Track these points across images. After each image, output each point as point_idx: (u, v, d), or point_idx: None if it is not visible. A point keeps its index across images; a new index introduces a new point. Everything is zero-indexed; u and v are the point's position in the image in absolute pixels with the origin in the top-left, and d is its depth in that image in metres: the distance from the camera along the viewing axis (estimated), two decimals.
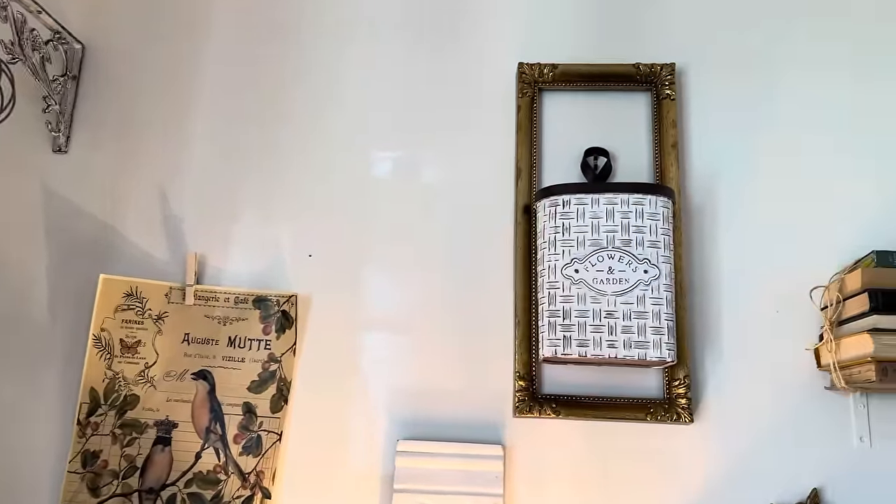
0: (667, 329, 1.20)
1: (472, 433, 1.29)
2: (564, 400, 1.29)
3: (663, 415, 1.25)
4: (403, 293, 1.36)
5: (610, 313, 1.21)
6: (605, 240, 1.23)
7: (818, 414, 1.27)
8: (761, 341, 1.30)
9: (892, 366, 1.10)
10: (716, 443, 1.26)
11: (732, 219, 1.36)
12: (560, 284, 1.23)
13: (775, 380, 1.28)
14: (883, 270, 1.18)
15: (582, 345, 1.21)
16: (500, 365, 1.32)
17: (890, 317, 1.12)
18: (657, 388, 1.29)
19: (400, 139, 1.43)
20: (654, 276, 1.22)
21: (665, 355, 1.19)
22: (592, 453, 1.28)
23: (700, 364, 1.30)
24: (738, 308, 1.32)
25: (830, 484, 1.24)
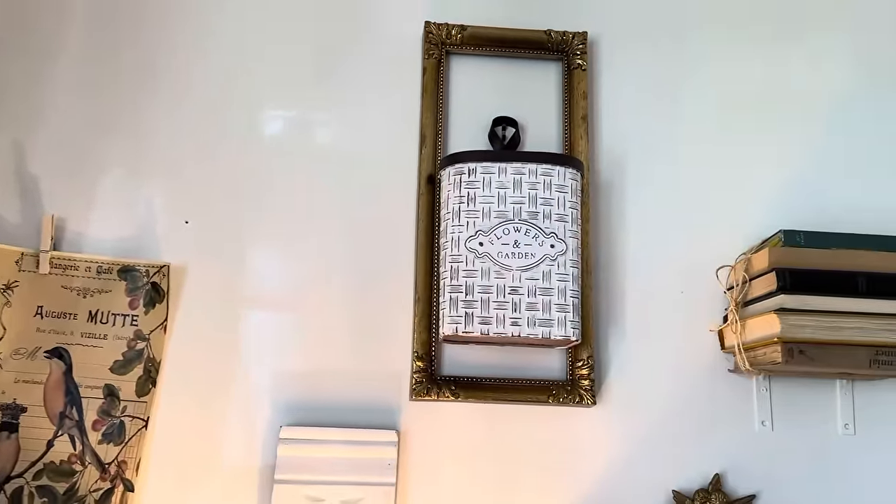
0: (572, 307, 1.14)
1: (365, 418, 1.19)
2: (464, 382, 1.20)
3: (566, 397, 1.19)
4: (292, 266, 1.24)
5: (514, 289, 1.13)
6: (511, 212, 1.16)
7: (721, 397, 1.24)
8: (666, 322, 1.26)
9: (798, 347, 1.08)
10: (618, 426, 1.21)
11: (640, 196, 1.31)
12: (463, 258, 1.15)
13: (679, 362, 1.25)
14: (790, 250, 1.16)
15: (485, 322, 1.12)
16: (397, 345, 1.22)
17: (797, 296, 1.10)
18: (560, 370, 1.23)
19: (292, 98, 1.30)
20: (560, 251, 1.15)
21: (570, 334, 1.13)
22: (492, 437, 1.20)
23: (604, 345, 1.25)
24: (644, 287, 1.27)
25: (732, 469, 1.21)
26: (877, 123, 1.36)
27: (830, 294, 1.10)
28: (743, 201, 1.31)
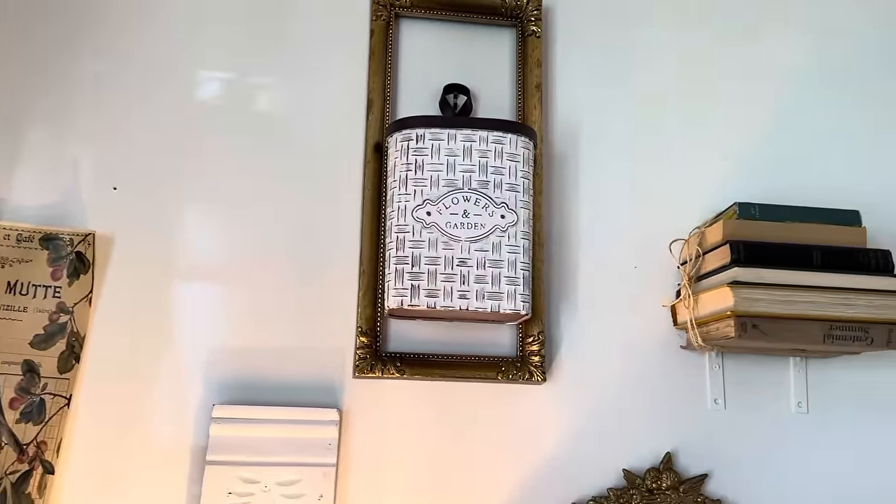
0: (522, 280, 1.09)
1: (305, 397, 1.13)
2: (411, 358, 1.15)
3: (515, 373, 1.15)
4: (228, 236, 1.17)
5: (463, 261, 1.08)
6: (461, 180, 1.10)
7: (673, 374, 1.21)
8: (618, 297, 1.22)
9: (751, 321, 1.05)
10: (568, 403, 1.18)
11: (594, 168, 1.27)
12: (410, 228, 1.09)
13: (631, 338, 1.21)
14: (745, 223, 1.13)
15: (431, 295, 1.07)
16: (340, 320, 1.16)
17: (751, 269, 1.07)
18: (510, 346, 1.19)
19: (231, 60, 1.23)
20: (511, 222, 1.11)
21: (519, 308, 1.08)
22: (439, 416, 1.15)
23: (555, 320, 1.21)
24: (597, 262, 1.24)
25: (684, 447, 1.18)
26: (829, 99, 1.34)
27: (785, 267, 1.08)
28: (698, 175, 1.28)
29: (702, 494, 1.15)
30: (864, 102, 1.34)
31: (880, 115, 1.34)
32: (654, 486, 1.14)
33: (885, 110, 1.34)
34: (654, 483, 1.14)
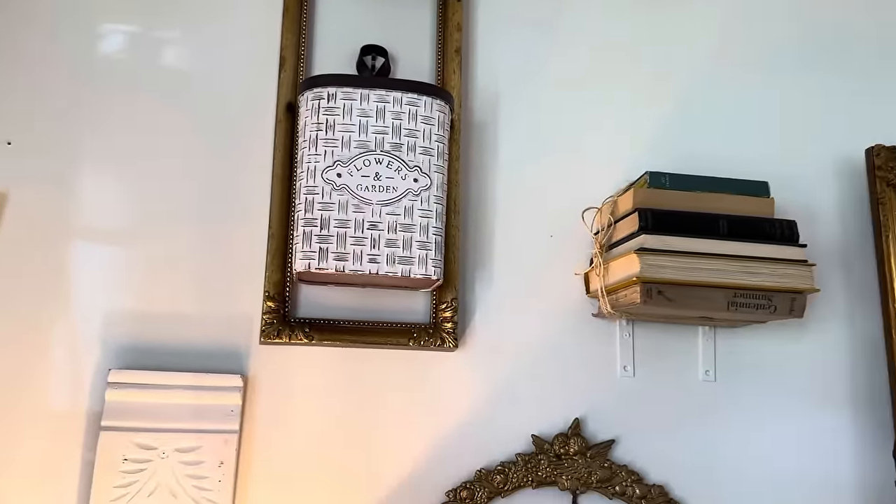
0: (434, 245, 1.08)
1: (210, 363, 1.09)
2: (320, 324, 1.13)
3: (427, 340, 1.14)
4: (130, 196, 1.12)
5: (374, 224, 1.06)
6: (373, 142, 1.08)
7: (585, 342, 1.22)
8: (533, 266, 1.22)
9: (657, 287, 1.06)
10: (480, 371, 1.17)
11: (513, 137, 1.26)
12: (319, 189, 1.06)
13: (545, 306, 1.22)
14: (654, 191, 1.14)
15: (340, 258, 1.05)
16: (248, 285, 1.13)
17: (658, 237, 1.08)
18: (423, 313, 1.18)
19: (135, 11, 1.17)
20: (424, 186, 1.09)
21: (431, 273, 1.07)
22: (349, 383, 1.13)
23: (470, 288, 1.20)
24: (513, 231, 1.23)
25: (593, 413, 1.20)
26: (742, 73, 1.35)
27: (691, 235, 1.09)
28: (615, 145, 1.28)
29: (609, 460, 1.17)
30: (774, 77, 1.36)
31: (790, 88, 1.36)
32: (561, 452, 1.15)
33: (795, 84, 1.37)
34: (562, 448, 1.15)
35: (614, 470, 1.16)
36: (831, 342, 1.28)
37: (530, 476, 1.13)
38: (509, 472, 1.13)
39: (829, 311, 1.29)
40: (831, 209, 1.34)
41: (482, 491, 1.12)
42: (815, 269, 1.13)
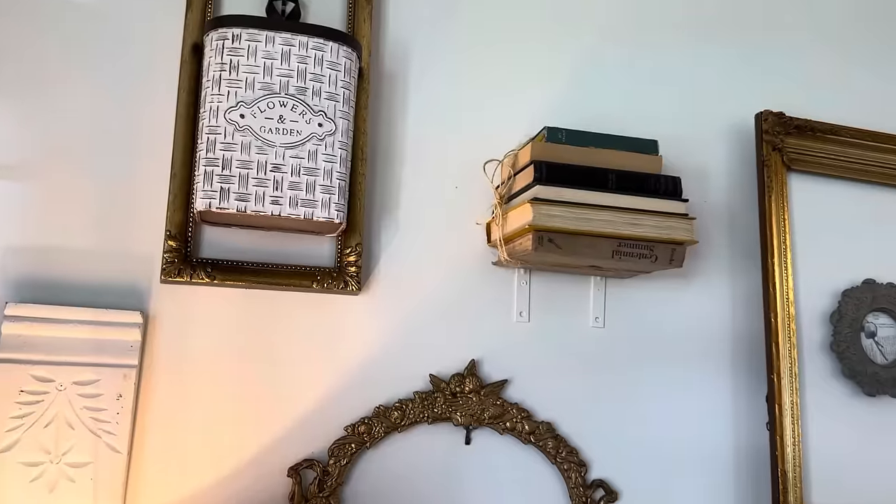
0: (338, 189, 1.11)
1: (110, 300, 1.10)
2: (223, 265, 1.15)
3: (330, 283, 1.17)
4: (33, 131, 1.11)
5: (277, 167, 1.08)
6: (277, 85, 1.10)
7: (484, 289, 1.28)
8: (438, 215, 1.27)
9: (548, 235, 1.12)
10: (382, 314, 1.22)
11: (423, 89, 1.29)
12: (222, 130, 1.07)
13: (448, 255, 1.27)
14: (551, 146, 1.19)
15: (242, 199, 1.07)
16: (150, 224, 1.14)
17: (551, 188, 1.14)
18: (329, 258, 1.21)
19: None
20: (329, 132, 1.11)
21: (333, 216, 1.10)
22: (252, 323, 1.16)
23: (376, 235, 1.24)
24: (420, 181, 1.27)
25: (489, 356, 1.26)
26: (642, 39, 1.41)
27: (583, 188, 1.15)
28: (520, 101, 1.33)
29: (501, 398, 1.24)
30: (674, 43, 1.43)
31: (688, 55, 1.43)
32: (457, 390, 1.21)
33: (693, 51, 1.43)
34: (458, 387, 1.21)
35: (506, 407, 1.23)
36: (714, 295, 1.38)
37: (426, 412, 1.19)
38: (406, 408, 1.19)
39: (713, 265, 1.39)
40: (722, 170, 1.43)
41: (380, 426, 1.17)
42: (696, 223, 1.21)
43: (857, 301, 1.40)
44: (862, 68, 1.52)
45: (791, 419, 1.30)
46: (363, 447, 1.16)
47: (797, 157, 1.41)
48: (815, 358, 1.37)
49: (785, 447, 1.28)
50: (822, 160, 1.43)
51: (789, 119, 1.39)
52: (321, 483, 1.13)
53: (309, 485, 1.13)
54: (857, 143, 1.44)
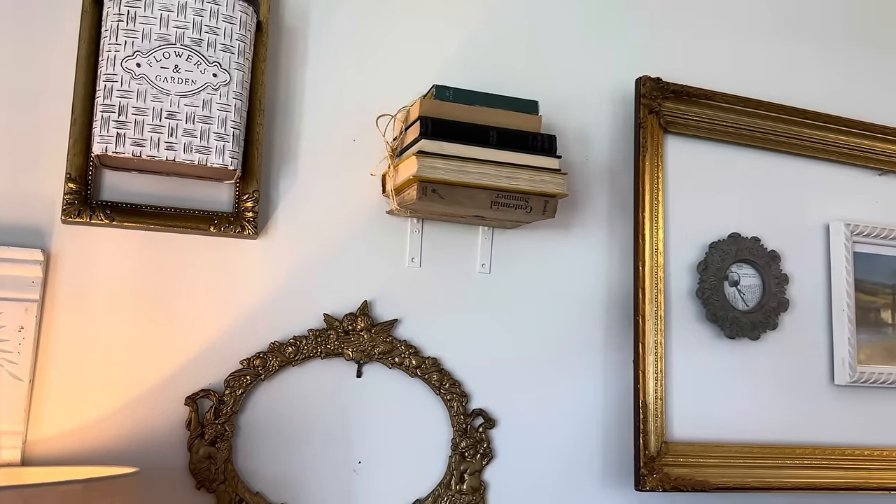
0: (232, 137, 1.18)
1: (13, 238, 1.16)
2: (123, 207, 1.21)
3: (227, 227, 1.24)
4: None
5: (172, 114, 1.14)
6: (173, 36, 1.15)
7: (379, 236, 1.37)
8: (336, 166, 1.35)
9: (431, 185, 1.22)
10: (279, 258, 1.30)
11: (322, 45, 1.36)
12: (118, 78, 1.13)
13: (344, 203, 1.35)
14: (439, 103, 1.28)
15: (137, 144, 1.13)
16: (51, 167, 1.18)
17: (435, 142, 1.23)
18: (227, 203, 1.28)
19: None
20: (223, 82, 1.18)
21: (227, 162, 1.17)
22: (151, 265, 1.23)
23: (274, 182, 1.31)
24: (319, 133, 1.34)
25: (381, 297, 1.36)
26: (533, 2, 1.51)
27: (465, 143, 1.25)
28: (416, 59, 1.40)
29: (391, 336, 1.34)
30: (560, 12, 1.52)
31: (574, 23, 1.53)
32: (349, 328, 1.31)
33: (579, 18, 1.53)
34: (351, 325, 1.31)
35: (395, 344, 1.33)
36: (593, 244, 1.50)
37: (320, 348, 1.29)
38: (301, 344, 1.28)
39: (592, 218, 1.51)
40: (605, 130, 1.54)
41: (274, 360, 1.26)
42: (568, 178, 1.32)
43: (723, 253, 1.55)
44: (741, 36, 1.65)
45: (654, 357, 1.45)
46: (258, 379, 1.25)
47: (673, 120, 1.54)
48: (682, 303, 1.52)
49: (647, 381, 1.43)
50: (696, 123, 1.56)
51: (666, 84, 1.51)
52: (217, 411, 1.22)
53: (206, 412, 1.22)
54: (730, 107, 1.57)
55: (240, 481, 1.23)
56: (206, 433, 1.21)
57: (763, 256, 1.57)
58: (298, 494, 1.26)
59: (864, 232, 1.64)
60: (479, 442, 1.36)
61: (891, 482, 1.57)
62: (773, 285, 1.57)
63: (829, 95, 1.69)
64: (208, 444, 1.21)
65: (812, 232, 1.63)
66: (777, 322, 1.56)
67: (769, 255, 1.57)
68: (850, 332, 1.59)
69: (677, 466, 1.42)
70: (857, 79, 1.73)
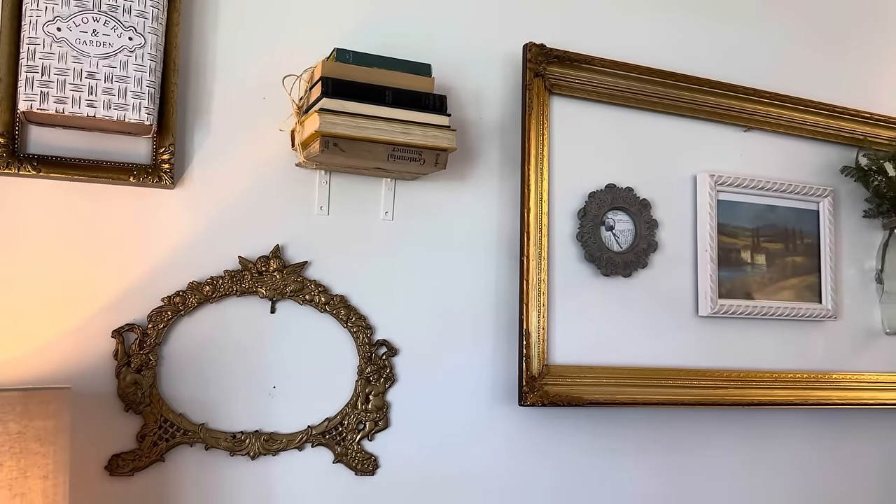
0: (147, 95, 1.30)
1: None
2: (48, 160, 1.32)
3: (146, 177, 1.37)
4: None
5: (91, 74, 1.26)
6: (91, 2, 1.26)
7: (289, 187, 1.51)
8: (248, 121, 1.48)
9: (332, 140, 1.37)
10: (196, 206, 1.44)
11: (233, 11, 1.48)
12: (40, 41, 1.24)
13: (256, 157, 1.49)
14: (339, 65, 1.42)
15: (60, 101, 1.24)
16: None
17: (336, 101, 1.37)
18: (146, 156, 1.40)
19: None
20: (138, 45, 1.29)
21: (143, 118, 1.30)
22: (76, 212, 1.35)
23: (189, 137, 1.44)
24: (231, 92, 1.47)
25: (292, 242, 1.51)
26: None
27: (363, 101, 1.40)
28: (323, 22, 1.54)
29: (301, 276, 1.50)
30: None
31: None
32: (263, 269, 1.46)
33: None
34: (264, 267, 1.46)
35: (305, 283, 1.49)
36: (486, 195, 1.68)
37: (235, 287, 1.44)
38: (217, 283, 1.42)
39: (485, 171, 1.68)
40: (498, 92, 1.71)
41: (193, 297, 1.40)
42: (458, 134, 1.49)
43: (600, 201, 1.75)
44: (622, 5, 1.83)
45: (538, 292, 1.65)
46: (179, 314, 1.40)
47: (558, 83, 1.72)
48: (564, 246, 1.72)
49: (530, 313, 1.63)
50: (579, 86, 1.75)
51: (550, 50, 1.69)
52: (141, 343, 1.36)
53: (131, 344, 1.36)
54: (608, 71, 1.76)
55: (164, 404, 1.38)
56: (132, 362, 1.36)
57: (636, 204, 1.78)
58: (219, 414, 1.42)
59: (727, 182, 1.87)
60: (382, 368, 1.54)
61: (744, 399, 1.83)
62: (644, 230, 1.78)
63: (698, 59, 1.89)
64: (134, 371, 1.35)
65: (681, 182, 1.85)
66: (647, 262, 1.78)
67: (641, 203, 1.79)
68: (712, 270, 1.83)
69: (556, 385, 1.63)
70: (724, 44, 1.95)
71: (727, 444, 1.86)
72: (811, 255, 1.97)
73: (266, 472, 1.45)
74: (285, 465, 1.46)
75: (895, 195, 2.01)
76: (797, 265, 1.95)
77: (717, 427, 1.85)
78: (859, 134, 2.05)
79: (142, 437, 1.36)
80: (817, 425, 1.96)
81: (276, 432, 1.45)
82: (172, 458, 1.39)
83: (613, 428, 1.74)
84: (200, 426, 1.40)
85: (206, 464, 1.41)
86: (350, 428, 1.50)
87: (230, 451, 1.41)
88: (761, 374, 1.86)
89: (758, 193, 1.91)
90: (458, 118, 1.64)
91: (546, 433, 1.68)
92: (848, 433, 2.00)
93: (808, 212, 1.98)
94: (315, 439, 1.47)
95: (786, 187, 1.93)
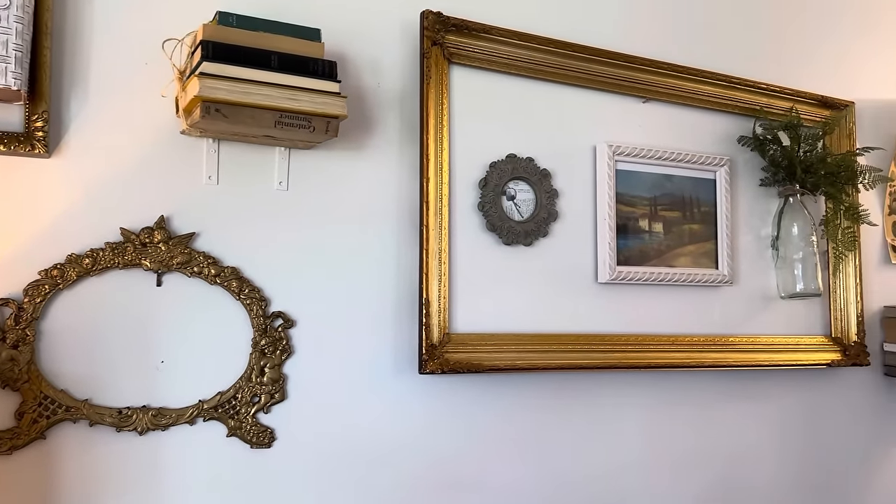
0: (14, 59, 1.24)
1: None
2: None
3: (18, 146, 1.31)
4: None
5: None
6: None
7: (175, 156, 1.47)
8: (129, 89, 1.43)
9: (214, 105, 1.33)
10: (75, 175, 1.38)
11: None
12: None
13: (139, 124, 1.44)
14: (223, 28, 1.38)
15: None
16: None
17: (217, 65, 1.33)
18: (19, 124, 1.34)
19: None
20: (3, 6, 1.23)
21: (11, 83, 1.24)
22: None
23: (65, 103, 1.38)
24: (110, 57, 1.42)
25: (179, 213, 1.46)
26: None
27: (247, 66, 1.36)
28: None
29: (189, 247, 1.46)
30: None
31: None
32: (147, 241, 1.42)
33: None
34: (148, 238, 1.42)
35: (193, 255, 1.46)
36: (385, 164, 1.67)
37: (118, 259, 1.39)
38: (98, 255, 1.38)
39: (384, 140, 1.67)
40: (397, 60, 1.69)
41: (72, 270, 1.35)
42: (350, 101, 1.47)
43: (501, 171, 1.76)
44: None
45: (439, 262, 1.65)
46: (57, 288, 1.34)
47: (457, 52, 1.71)
48: (466, 216, 1.72)
49: (430, 282, 1.63)
50: (478, 55, 1.74)
51: (447, 18, 1.68)
52: (17, 318, 1.31)
53: (6, 319, 1.31)
54: (507, 41, 1.76)
55: (44, 380, 1.33)
56: (7, 338, 1.30)
57: (536, 174, 1.80)
58: (104, 390, 1.38)
59: (626, 152, 1.91)
60: (278, 340, 1.52)
61: (643, 362, 1.88)
62: (545, 199, 1.80)
63: (598, 30, 1.91)
64: (10, 347, 1.30)
65: (581, 152, 1.88)
66: (548, 231, 1.80)
67: (542, 172, 1.80)
68: (610, 238, 1.86)
69: (457, 353, 1.64)
70: (624, 15, 1.97)
71: (629, 406, 1.91)
72: (708, 222, 2.03)
73: (155, 447, 1.41)
74: (176, 440, 1.43)
75: (790, 164, 2.09)
76: (694, 232, 2.01)
77: (619, 390, 1.89)
78: (756, 104, 2.11)
79: (20, 414, 1.31)
80: (716, 387, 2.03)
81: (166, 407, 1.42)
82: (54, 436, 1.34)
83: (516, 393, 1.76)
84: (84, 402, 1.35)
85: (91, 440, 1.37)
86: (244, 401, 1.48)
87: (116, 427, 1.37)
88: (660, 337, 1.91)
89: (656, 163, 1.95)
90: (355, 86, 1.62)
91: (447, 399, 1.69)
92: (745, 394, 2.08)
93: (705, 181, 2.03)
94: (207, 413, 1.44)
95: (683, 157, 1.98)
